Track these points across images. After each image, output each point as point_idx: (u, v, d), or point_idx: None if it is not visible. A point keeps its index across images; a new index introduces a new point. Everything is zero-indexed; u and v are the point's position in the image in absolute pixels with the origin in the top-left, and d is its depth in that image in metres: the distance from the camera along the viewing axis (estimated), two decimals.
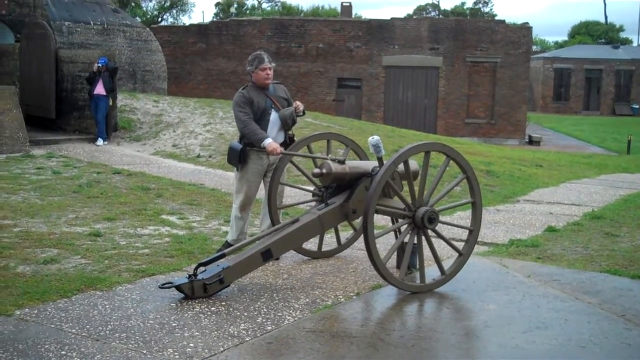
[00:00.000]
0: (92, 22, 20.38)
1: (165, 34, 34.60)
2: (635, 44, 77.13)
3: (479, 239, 7.67)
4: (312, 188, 7.20)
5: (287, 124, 6.93)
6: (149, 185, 10.98)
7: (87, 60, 16.88)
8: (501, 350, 4.81)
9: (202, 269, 5.75)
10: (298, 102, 6.94)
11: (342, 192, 6.43)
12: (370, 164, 6.52)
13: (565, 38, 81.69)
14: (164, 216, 8.86)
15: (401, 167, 6.14)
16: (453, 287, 6.16)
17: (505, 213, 10.22)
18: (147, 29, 23.11)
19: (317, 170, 6.41)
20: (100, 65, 15.97)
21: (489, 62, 33.12)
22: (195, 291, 5.63)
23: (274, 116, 6.89)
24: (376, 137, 6.17)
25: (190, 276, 5.65)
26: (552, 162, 18.82)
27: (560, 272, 6.72)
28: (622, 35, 79.68)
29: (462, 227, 6.65)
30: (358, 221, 6.82)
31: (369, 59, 33.29)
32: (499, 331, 5.17)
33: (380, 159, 6.13)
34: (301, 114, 6.92)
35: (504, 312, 5.58)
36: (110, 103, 16.23)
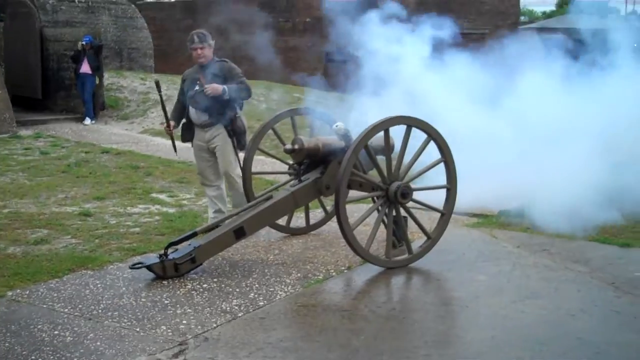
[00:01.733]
0: (76, 0, 20.15)
1: (151, 11, 34.24)
2: (622, 13, 76.95)
3: (468, 211, 7.71)
4: (287, 167, 7.12)
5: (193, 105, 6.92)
6: (138, 164, 10.94)
7: (73, 39, 16.67)
8: (491, 320, 4.85)
9: (172, 248, 5.74)
10: (210, 86, 6.72)
11: (316, 168, 6.38)
12: None
13: (553, 8, 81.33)
14: (153, 194, 8.84)
15: (378, 141, 6.09)
16: (443, 258, 6.19)
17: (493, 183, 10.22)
18: (133, 5, 22.85)
19: (288, 147, 6.32)
20: (84, 43, 15.80)
21: (477, 34, 32.99)
22: (167, 271, 5.58)
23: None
24: (341, 125, 6.16)
25: (161, 256, 5.63)
26: None
27: (550, 242, 6.76)
28: (610, 4, 79.39)
29: (438, 187, 6.36)
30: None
31: None
32: (488, 301, 5.21)
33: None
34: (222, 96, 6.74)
35: (494, 283, 5.62)
36: (97, 82, 16.09)
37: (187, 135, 7.08)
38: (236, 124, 6.88)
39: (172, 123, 7.10)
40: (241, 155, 7.03)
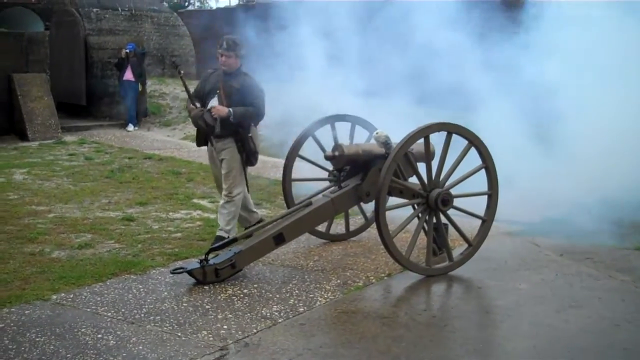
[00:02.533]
0: (120, 8, 20.49)
1: (193, 19, 34.63)
2: None
3: (510, 218, 7.63)
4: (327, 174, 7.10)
5: (197, 124, 6.58)
6: (179, 170, 11.06)
7: (116, 47, 16.98)
8: (534, 330, 4.79)
9: (213, 254, 5.78)
10: (216, 107, 6.44)
11: (356, 174, 6.38)
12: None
13: None
14: (195, 200, 8.92)
15: (418, 148, 6.07)
16: (484, 266, 6.14)
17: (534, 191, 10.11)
18: (175, 14, 23.18)
19: (329, 153, 6.37)
20: (128, 51, 16.06)
21: None
22: (207, 276, 5.62)
23: (212, 102, 6.55)
24: (381, 132, 6.15)
25: (201, 261, 5.67)
26: None
27: (594, 250, 6.65)
28: None
29: (479, 194, 6.24)
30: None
31: None
32: (531, 310, 5.15)
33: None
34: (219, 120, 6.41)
35: (537, 291, 5.55)
36: (140, 88, 16.34)
37: (201, 140, 6.80)
38: (247, 143, 6.54)
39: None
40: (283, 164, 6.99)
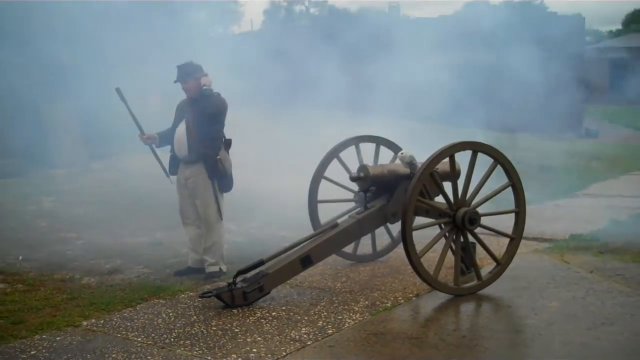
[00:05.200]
0: None
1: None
2: None
3: (539, 235, 7.59)
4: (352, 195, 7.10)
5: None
6: None
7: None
8: (566, 348, 4.73)
9: (240, 277, 5.79)
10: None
11: (382, 195, 6.38)
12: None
13: (619, 27, 79.57)
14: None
15: (444, 167, 6.06)
16: (513, 285, 6.10)
17: (564, 208, 10.04)
18: None
19: (354, 174, 6.38)
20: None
21: None
22: (236, 299, 5.65)
23: (180, 127, 6.55)
24: (406, 152, 6.16)
25: (230, 284, 5.70)
26: (610, 154, 18.40)
27: (625, 267, 6.58)
28: None
29: (507, 211, 6.25)
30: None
31: None
32: (562, 328, 5.09)
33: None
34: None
35: (567, 309, 5.49)
36: None
37: (173, 168, 6.77)
38: (217, 167, 6.46)
39: (150, 134, 6.65)
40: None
